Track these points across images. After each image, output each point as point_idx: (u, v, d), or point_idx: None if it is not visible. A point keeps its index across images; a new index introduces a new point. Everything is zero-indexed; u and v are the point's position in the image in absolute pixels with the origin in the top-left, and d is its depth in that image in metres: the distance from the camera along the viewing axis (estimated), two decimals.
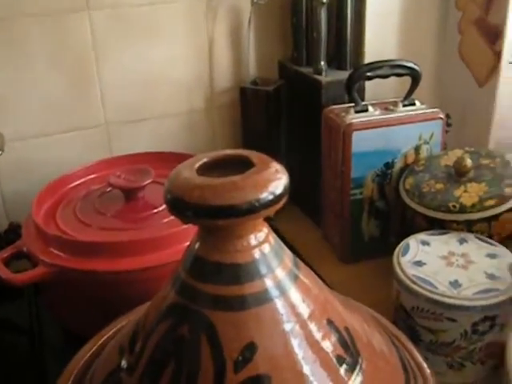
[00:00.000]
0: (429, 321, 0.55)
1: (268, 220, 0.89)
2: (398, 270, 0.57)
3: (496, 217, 0.62)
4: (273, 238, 0.36)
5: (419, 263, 0.57)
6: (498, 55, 0.77)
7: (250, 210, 0.31)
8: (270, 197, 0.32)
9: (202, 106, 0.88)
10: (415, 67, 0.72)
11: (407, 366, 0.43)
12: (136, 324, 0.40)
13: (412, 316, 0.56)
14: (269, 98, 0.82)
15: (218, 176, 0.33)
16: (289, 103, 0.86)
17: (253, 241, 0.34)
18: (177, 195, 0.32)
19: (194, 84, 0.87)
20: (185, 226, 0.57)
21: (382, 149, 0.71)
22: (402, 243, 0.61)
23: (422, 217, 0.65)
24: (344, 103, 0.75)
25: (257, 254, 0.34)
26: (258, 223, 0.34)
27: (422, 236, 0.62)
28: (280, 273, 0.35)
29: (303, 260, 0.76)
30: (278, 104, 0.84)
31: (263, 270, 0.34)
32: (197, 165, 0.34)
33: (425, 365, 0.45)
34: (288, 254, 0.37)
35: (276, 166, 0.34)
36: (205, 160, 0.35)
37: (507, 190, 0.62)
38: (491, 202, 0.61)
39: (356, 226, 0.75)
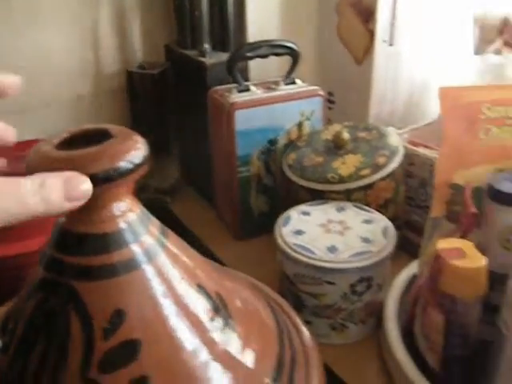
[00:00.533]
0: (310, 286, 0.58)
1: (164, 202, 0.89)
2: (279, 240, 0.60)
3: (371, 185, 0.65)
4: (138, 207, 0.37)
5: (299, 232, 0.60)
6: (371, 34, 0.81)
7: (108, 179, 0.32)
8: (129, 165, 0.33)
9: (88, 92, 0.87)
10: (294, 47, 0.74)
11: (283, 328, 0.45)
12: (11, 307, 0.40)
13: (295, 283, 0.59)
14: (154, 81, 0.83)
15: (77, 149, 0.33)
16: (176, 86, 0.87)
17: (116, 210, 0.35)
18: (35, 170, 0.32)
19: (79, 70, 0.86)
20: None
21: (265, 126, 0.73)
22: (284, 215, 0.63)
23: (305, 190, 0.67)
24: (229, 84, 0.77)
25: (122, 223, 0.35)
26: (120, 193, 0.35)
27: (302, 207, 0.65)
28: (147, 240, 0.36)
29: (198, 239, 0.79)
30: (165, 87, 0.85)
31: (130, 238, 0.35)
32: (56, 140, 0.35)
33: (303, 328, 0.47)
34: (155, 223, 0.38)
35: (136, 138, 0.35)
36: (64, 136, 0.35)
37: (380, 160, 0.66)
38: (366, 172, 0.65)
39: (245, 203, 0.77)
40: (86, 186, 0.31)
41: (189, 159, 0.91)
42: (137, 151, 0.34)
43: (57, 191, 0.30)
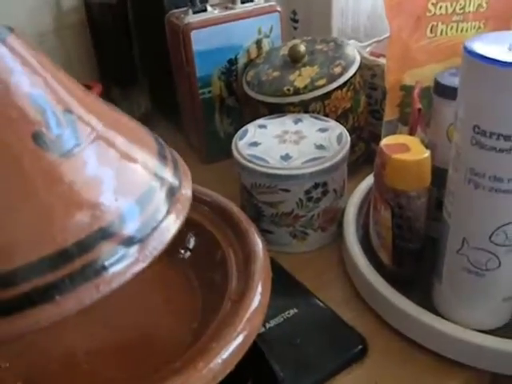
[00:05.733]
0: (266, 195, 0.59)
1: None
2: (235, 152, 0.60)
3: (327, 95, 0.65)
4: None
5: (255, 144, 0.61)
6: None
7: None
8: None
9: (49, 29, 0.86)
10: None
11: None
12: None
13: (252, 193, 0.60)
14: (113, 11, 0.82)
15: None
16: (136, 15, 0.86)
17: None
18: None
19: (39, 7, 0.84)
20: None
21: (223, 46, 0.73)
22: (241, 129, 0.64)
23: (263, 104, 0.68)
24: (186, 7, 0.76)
25: None
26: None
27: (260, 121, 0.65)
28: None
29: None
30: (125, 17, 0.84)
31: None
32: None
33: (250, 233, 0.49)
34: None
35: None
36: None
37: (336, 70, 0.66)
38: (322, 82, 0.65)
39: (210, 125, 0.77)
40: None
41: (157, 87, 0.91)
42: None
43: None
